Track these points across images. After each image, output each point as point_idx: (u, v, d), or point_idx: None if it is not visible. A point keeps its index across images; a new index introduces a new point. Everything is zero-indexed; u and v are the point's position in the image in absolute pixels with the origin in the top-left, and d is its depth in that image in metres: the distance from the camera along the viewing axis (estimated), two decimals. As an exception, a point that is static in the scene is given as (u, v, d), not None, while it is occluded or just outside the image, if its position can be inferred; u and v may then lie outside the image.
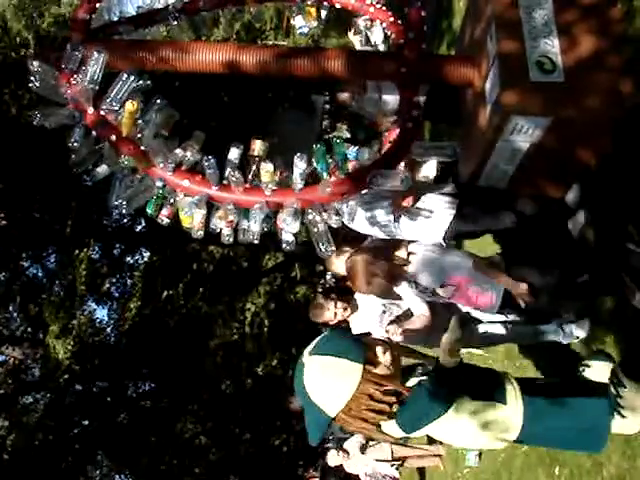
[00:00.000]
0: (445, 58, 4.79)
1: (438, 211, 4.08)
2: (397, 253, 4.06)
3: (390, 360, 2.50)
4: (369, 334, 2.96)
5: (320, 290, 24.36)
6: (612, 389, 2.45)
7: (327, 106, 26.60)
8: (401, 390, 2.46)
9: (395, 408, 2.42)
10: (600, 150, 3.80)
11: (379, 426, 2.49)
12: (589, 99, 3.53)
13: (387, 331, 3.87)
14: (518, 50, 3.59)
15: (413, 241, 4.14)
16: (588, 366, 2.68)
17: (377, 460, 8.59)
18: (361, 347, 2.51)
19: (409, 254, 4.02)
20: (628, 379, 2.42)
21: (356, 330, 4.37)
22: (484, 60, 3.81)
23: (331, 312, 4.50)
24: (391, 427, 2.51)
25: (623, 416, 2.44)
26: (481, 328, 4.28)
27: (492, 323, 4.26)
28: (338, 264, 4.43)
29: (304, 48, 11.63)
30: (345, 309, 4.50)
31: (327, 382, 2.43)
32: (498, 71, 3.56)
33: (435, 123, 4.83)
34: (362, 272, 3.79)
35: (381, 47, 12.09)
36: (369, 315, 4.41)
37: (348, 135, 25.25)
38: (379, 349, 2.52)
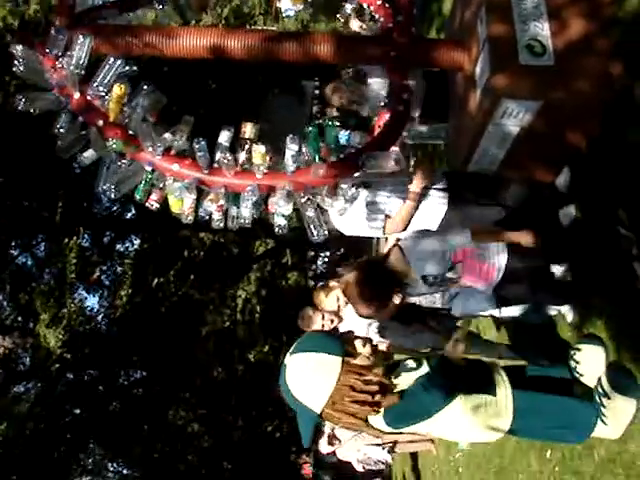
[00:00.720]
0: (435, 42, 4.77)
1: (430, 204, 4.02)
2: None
3: (369, 351, 2.49)
4: (350, 332, 2.91)
5: (311, 276, 24.42)
6: (597, 398, 2.47)
7: (317, 91, 26.55)
8: (383, 381, 2.45)
9: (378, 398, 2.41)
10: (590, 133, 3.80)
11: (367, 421, 2.48)
12: (579, 82, 3.52)
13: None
14: (508, 33, 3.58)
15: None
16: (579, 349, 2.68)
17: (368, 445, 8.63)
18: (339, 341, 2.50)
19: (398, 247, 3.90)
20: (613, 390, 2.44)
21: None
22: (474, 44, 3.80)
23: (319, 324, 4.50)
24: (380, 421, 2.50)
25: (605, 424, 2.47)
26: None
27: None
28: (328, 302, 4.45)
29: (292, 32, 11.49)
30: (332, 321, 4.51)
31: (308, 377, 2.42)
32: (488, 55, 3.55)
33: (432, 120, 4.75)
34: (358, 297, 3.56)
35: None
36: (357, 324, 4.40)
37: (337, 123, 25.29)
38: (358, 342, 2.51)
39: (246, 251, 21.41)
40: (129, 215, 17.77)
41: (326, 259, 17.96)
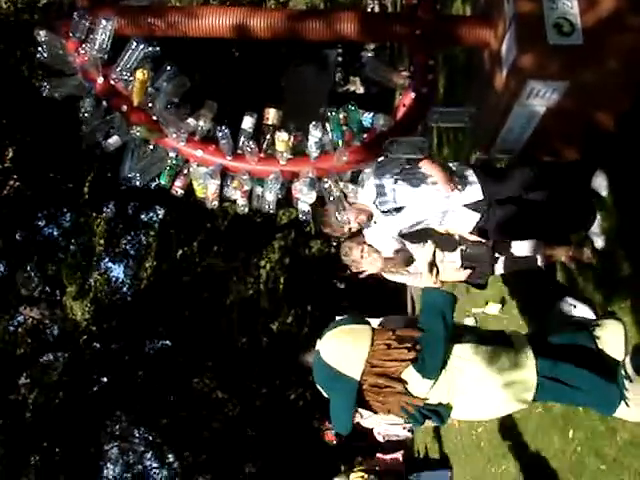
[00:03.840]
0: (460, 19, 4.70)
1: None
2: None
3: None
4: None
5: (334, 245, 24.45)
6: (620, 379, 2.47)
7: (340, 59, 26.32)
8: (414, 335, 2.52)
9: (412, 355, 2.46)
10: (619, 113, 3.73)
11: (405, 385, 2.51)
12: (609, 62, 3.45)
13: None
14: (536, 11, 3.49)
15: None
16: (598, 325, 2.70)
17: (389, 424, 8.69)
18: (363, 319, 2.64)
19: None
20: (636, 374, 2.44)
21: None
22: (501, 22, 3.72)
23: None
24: (415, 384, 2.52)
25: (628, 406, 2.48)
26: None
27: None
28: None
29: (315, 10, 11.31)
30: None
31: (343, 346, 2.51)
32: (515, 34, 3.48)
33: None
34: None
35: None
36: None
37: (361, 89, 25.05)
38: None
39: (270, 220, 21.41)
40: (153, 185, 17.75)
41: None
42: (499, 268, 4.64)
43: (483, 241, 4.25)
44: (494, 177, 4.07)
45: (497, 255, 4.48)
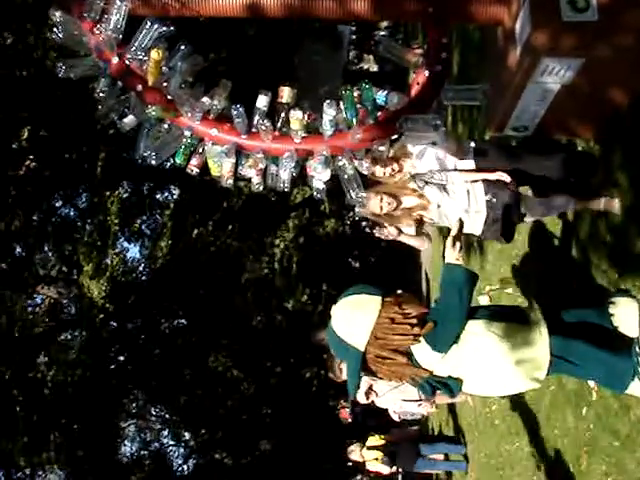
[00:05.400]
0: (474, -5, 4.65)
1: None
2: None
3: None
4: None
5: (348, 224, 24.41)
6: (634, 357, 2.48)
7: (353, 37, 26.15)
8: (421, 311, 2.55)
9: (417, 330, 2.50)
10: (634, 90, 3.71)
11: (410, 356, 2.54)
12: (624, 38, 3.42)
13: None
14: (550, -13, 3.48)
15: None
16: (612, 303, 2.71)
17: (404, 400, 8.73)
18: (379, 287, 2.67)
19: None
20: None
21: None
22: (515, -1, 3.71)
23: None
24: (423, 355, 2.56)
25: None
26: None
27: None
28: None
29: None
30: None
31: (350, 315, 2.57)
32: (529, 11, 3.46)
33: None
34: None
35: None
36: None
37: (375, 68, 24.90)
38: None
39: (284, 199, 21.41)
40: (168, 165, 17.78)
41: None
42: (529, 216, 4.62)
43: (508, 181, 4.29)
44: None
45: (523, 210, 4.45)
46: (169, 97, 3.44)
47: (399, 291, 2.68)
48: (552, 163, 4.28)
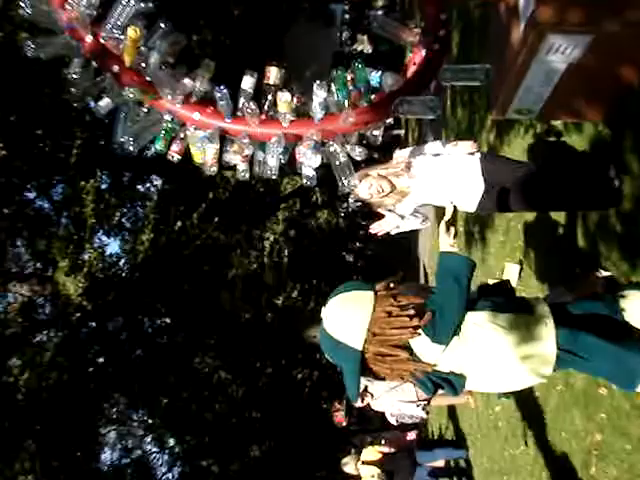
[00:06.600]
0: (474, -32, 4.64)
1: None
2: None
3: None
4: None
5: (342, 215, 24.40)
6: None
7: (346, 16, 26.08)
8: (417, 302, 2.54)
9: (415, 321, 2.49)
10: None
11: (411, 352, 2.54)
12: (635, 13, 3.41)
13: None
14: (556, -41, 3.46)
15: None
16: (623, 296, 2.72)
17: (402, 402, 8.73)
18: (369, 283, 2.66)
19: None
20: None
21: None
22: (518, -29, 3.69)
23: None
24: (423, 349, 2.55)
25: None
26: None
27: None
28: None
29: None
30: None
31: (343, 314, 2.56)
32: (533, -16, 3.45)
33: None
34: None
35: None
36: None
37: (370, 48, 24.85)
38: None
39: (273, 189, 21.38)
40: (149, 154, 17.72)
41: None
42: None
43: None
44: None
45: None
46: (148, 78, 3.39)
47: (397, 274, 2.68)
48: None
